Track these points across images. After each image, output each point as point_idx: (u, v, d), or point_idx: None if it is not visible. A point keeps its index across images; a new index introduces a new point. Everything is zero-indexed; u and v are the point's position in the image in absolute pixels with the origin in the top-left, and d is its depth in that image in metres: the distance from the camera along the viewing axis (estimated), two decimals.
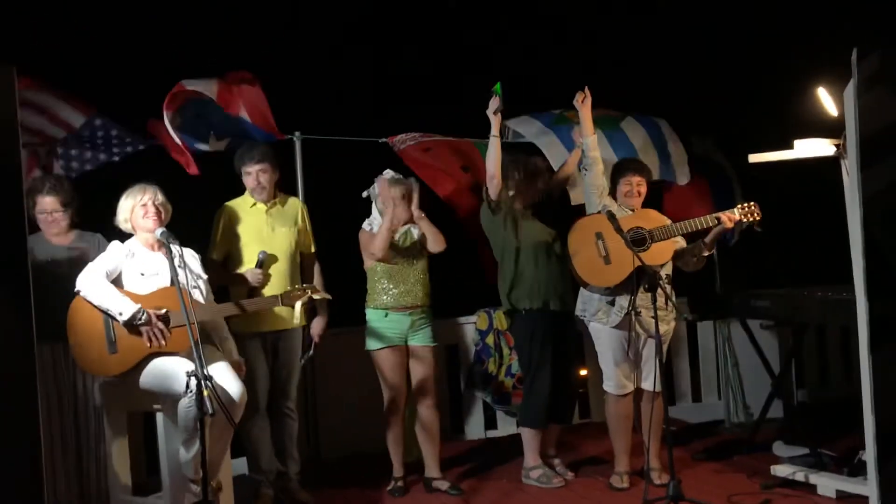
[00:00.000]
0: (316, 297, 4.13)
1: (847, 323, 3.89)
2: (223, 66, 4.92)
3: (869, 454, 3.48)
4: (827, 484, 4.11)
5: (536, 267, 4.55)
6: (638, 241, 4.33)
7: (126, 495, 3.90)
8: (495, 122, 4.52)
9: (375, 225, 4.60)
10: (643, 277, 4.06)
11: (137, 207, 3.81)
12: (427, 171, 5.29)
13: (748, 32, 6.34)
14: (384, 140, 5.45)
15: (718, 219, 4.35)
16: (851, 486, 3.99)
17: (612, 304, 4.40)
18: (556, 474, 4.63)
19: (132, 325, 3.62)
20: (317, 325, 4.63)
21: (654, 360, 4.25)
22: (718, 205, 5.20)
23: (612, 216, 4.23)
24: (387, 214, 4.49)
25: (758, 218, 4.39)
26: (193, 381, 3.17)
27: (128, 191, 3.89)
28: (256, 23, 6.14)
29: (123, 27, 5.58)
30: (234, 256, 4.40)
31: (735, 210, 4.38)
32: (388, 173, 4.72)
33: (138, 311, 3.61)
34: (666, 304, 4.31)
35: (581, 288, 4.56)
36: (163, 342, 3.64)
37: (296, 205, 4.60)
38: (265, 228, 4.39)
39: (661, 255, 4.34)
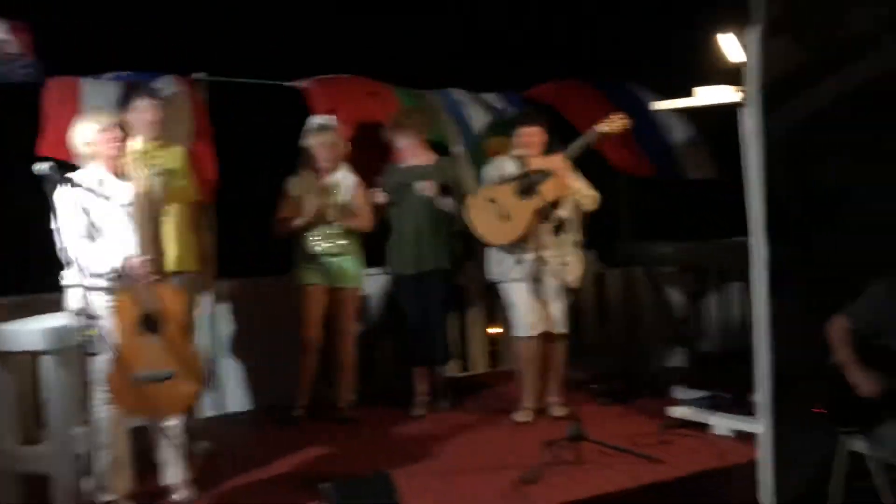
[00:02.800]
0: None
1: (748, 269, 3.95)
2: None
3: (763, 394, 3.58)
4: (722, 423, 4.25)
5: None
6: (526, 190, 4.50)
7: (12, 445, 3.72)
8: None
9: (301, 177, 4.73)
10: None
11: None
12: (330, 100, 5.17)
13: None
14: (290, 84, 5.30)
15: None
16: (745, 424, 4.12)
17: (520, 261, 4.56)
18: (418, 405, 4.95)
19: None
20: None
21: (559, 304, 4.35)
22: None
23: (518, 158, 4.34)
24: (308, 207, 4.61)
25: (626, 126, 4.49)
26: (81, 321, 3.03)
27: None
28: None
29: None
30: None
31: (597, 127, 4.50)
32: (314, 122, 4.71)
33: None
34: (570, 246, 4.40)
35: (489, 252, 4.72)
36: None
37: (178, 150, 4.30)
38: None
39: (552, 192, 4.47)
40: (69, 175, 3.41)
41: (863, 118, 3.74)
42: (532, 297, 4.58)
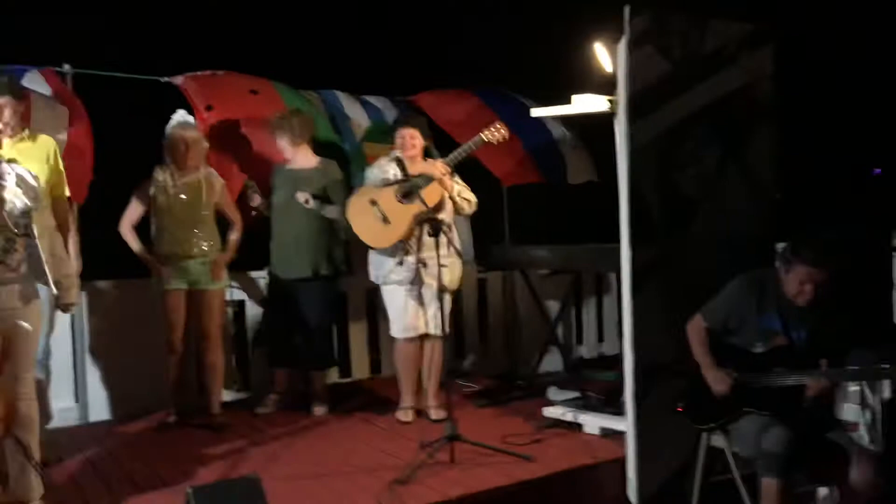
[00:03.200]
0: None
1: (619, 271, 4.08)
2: None
3: (628, 392, 3.72)
4: (592, 422, 4.38)
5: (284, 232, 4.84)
6: (408, 194, 4.49)
7: None
8: None
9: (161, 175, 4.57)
10: (425, 225, 4.23)
11: None
12: (209, 97, 5.03)
13: None
14: (167, 79, 5.14)
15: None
16: (613, 423, 4.27)
17: (401, 263, 4.55)
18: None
19: None
20: None
21: (437, 306, 4.41)
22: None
23: (399, 161, 4.36)
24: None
25: (506, 137, 4.52)
26: None
27: None
28: None
29: None
30: None
31: (482, 134, 4.50)
32: (176, 118, 4.59)
33: None
34: (448, 249, 4.43)
35: (370, 255, 4.70)
36: None
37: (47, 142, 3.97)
38: None
39: (432, 198, 4.46)
40: None
41: (720, 131, 3.95)
42: (411, 299, 4.59)
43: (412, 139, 4.64)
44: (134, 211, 4.64)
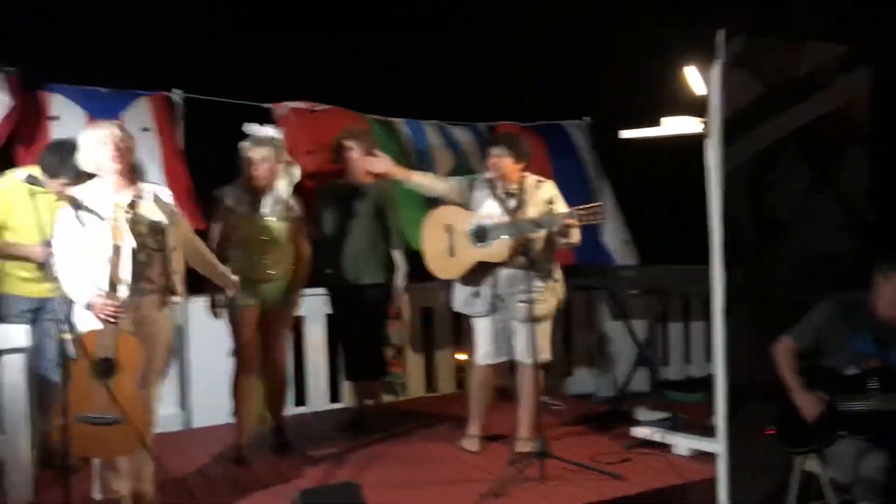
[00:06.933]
0: None
1: (708, 293, 4.08)
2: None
3: (720, 413, 3.71)
4: (681, 443, 4.36)
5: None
6: (480, 235, 4.30)
7: None
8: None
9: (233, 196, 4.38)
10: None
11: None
12: (309, 141, 5.20)
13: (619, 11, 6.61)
14: (268, 105, 5.35)
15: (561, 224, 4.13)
16: (703, 444, 4.24)
17: (476, 295, 4.42)
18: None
19: None
20: None
21: (524, 334, 4.30)
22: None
23: (491, 183, 4.36)
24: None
25: (603, 220, 4.14)
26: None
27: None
28: None
29: None
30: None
31: (573, 214, 4.08)
32: (252, 132, 4.47)
33: None
34: (536, 282, 4.29)
35: (454, 282, 4.57)
36: None
37: None
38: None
39: (499, 252, 4.25)
40: (71, 191, 3.33)
41: (813, 154, 3.94)
42: (492, 327, 4.41)
43: (498, 160, 4.36)
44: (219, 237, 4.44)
